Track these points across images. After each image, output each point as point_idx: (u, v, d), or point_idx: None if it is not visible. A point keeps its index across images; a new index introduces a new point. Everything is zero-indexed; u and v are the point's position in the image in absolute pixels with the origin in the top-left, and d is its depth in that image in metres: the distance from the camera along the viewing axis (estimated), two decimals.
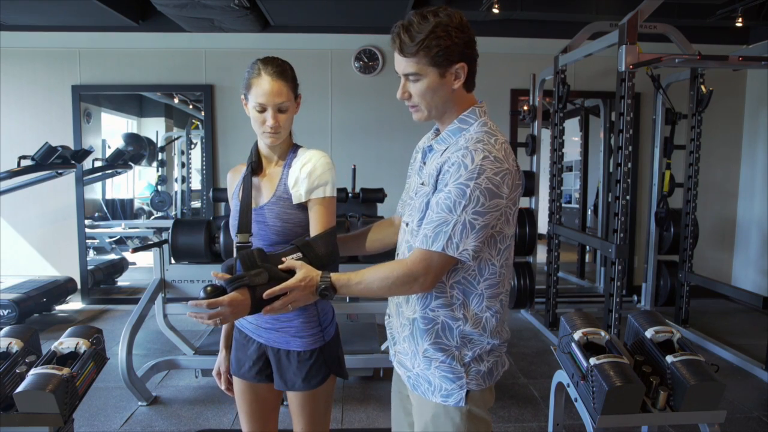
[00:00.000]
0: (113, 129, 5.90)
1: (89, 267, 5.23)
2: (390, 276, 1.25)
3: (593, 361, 1.79)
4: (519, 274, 4.67)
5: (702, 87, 4.23)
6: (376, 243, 1.59)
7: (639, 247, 5.36)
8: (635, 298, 5.21)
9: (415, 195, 1.35)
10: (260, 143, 1.56)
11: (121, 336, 3.04)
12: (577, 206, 6.80)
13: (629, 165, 3.37)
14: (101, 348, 2.00)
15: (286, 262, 1.33)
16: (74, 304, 5.10)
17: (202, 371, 3.37)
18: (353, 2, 4.54)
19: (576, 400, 1.92)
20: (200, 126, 5.55)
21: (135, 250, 4.10)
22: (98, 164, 5.47)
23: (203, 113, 5.20)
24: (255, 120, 1.47)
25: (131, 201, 6.24)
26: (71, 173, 4.83)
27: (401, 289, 1.28)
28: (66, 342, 1.93)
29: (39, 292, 4.54)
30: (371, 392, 3.25)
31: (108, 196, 5.95)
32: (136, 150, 5.86)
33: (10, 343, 1.91)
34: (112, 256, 5.74)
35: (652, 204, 4.80)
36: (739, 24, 4.45)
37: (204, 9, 4.12)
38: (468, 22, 1.24)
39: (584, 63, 4.51)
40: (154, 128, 6.08)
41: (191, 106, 5.76)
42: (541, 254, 4.97)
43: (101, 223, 5.68)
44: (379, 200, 4.01)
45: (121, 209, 6.08)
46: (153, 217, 6.08)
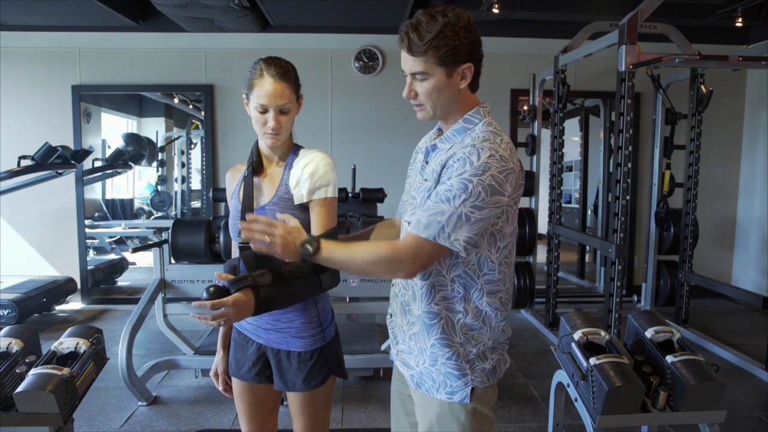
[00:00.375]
0: (113, 129, 5.90)
1: (89, 267, 5.23)
2: (375, 254, 1.23)
3: (593, 361, 1.80)
4: (519, 274, 4.67)
5: (702, 87, 4.23)
6: None
7: (639, 247, 5.35)
8: (635, 298, 5.21)
9: (416, 193, 1.35)
10: (261, 143, 1.55)
11: (121, 336, 3.04)
12: (577, 206, 6.80)
13: (629, 165, 3.37)
14: (101, 348, 2.00)
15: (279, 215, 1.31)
16: (74, 304, 5.10)
17: (202, 371, 3.37)
18: (353, 2, 4.53)
19: (576, 400, 1.92)
20: (200, 126, 5.55)
21: (135, 250, 4.11)
22: (98, 164, 5.47)
23: (203, 113, 5.20)
24: (256, 120, 1.47)
25: (131, 201, 6.24)
26: (71, 173, 4.82)
27: (385, 271, 1.25)
28: (66, 342, 1.94)
29: (39, 292, 4.53)
30: (371, 392, 3.25)
31: (108, 196, 5.94)
32: (136, 150, 5.86)
33: (10, 343, 1.91)
34: (112, 256, 5.74)
35: (652, 204, 4.80)
36: (739, 24, 4.45)
37: (204, 9, 4.12)
38: (475, 23, 1.25)
39: (584, 63, 4.51)
40: (154, 128, 6.07)
41: (191, 106, 5.75)
42: (541, 254, 4.97)
43: (101, 223, 5.67)
44: (379, 200, 4.02)
45: (121, 209, 6.08)
46: (153, 217, 6.08)
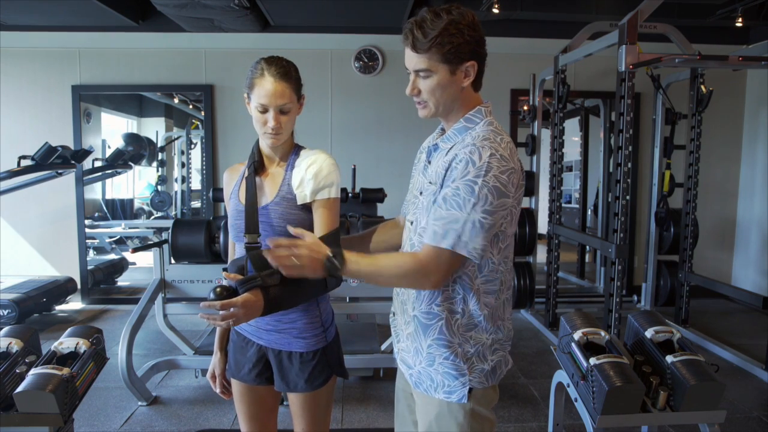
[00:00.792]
0: (113, 129, 5.90)
1: (89, 267, 5.23)
2: (402, 268, 1.24)
3: (593, 361, 1.79)
4: (519, 274, 4.67)
5: (702, 87, 4.23)
6: (382, 245, 1.58)
7: (639, 247, 5.35)
8: (635, 298, 5.21)
9: (420, 194, 1.35)
10: (262, 143, 1.55)
11: (121, 336, 3.04)
12: (577, 206, 6.80)
13: (629, 165, 3.37)
14: (101, 348, 2.00)
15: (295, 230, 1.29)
16: (74, 304, 5.10)
17: (202, 371, 3.36)
18: (353, 2, 4.53)
19: (576, 400, 1.92)
20: (200, 126, 5.55)
21: (135, 250, 4.10)
22: (98, 164, 5.47)
23: (203, 113, 5.20)
24: (257, 120, 1.47)
25: (131, 201, 6.24)
26: (71, 173, 4.82)
27: (412, 283, 1.27)
28: (66, 342, 1.93)
29: (39, 292, 4.53)
30: (371, 392, 3.25)
31: (108, 196, 5.94)
32: (136, 150, 5.86)
33: (10, 343, 1.91)
34: (112, 256, 5.74)
35: (652, 204, 4.80)
36: (739, 24, 4.45)
37: (204, 9, 4.12)
38: (479, 21, 1.25)
39: (584, 63, 4.51)
40: (154, 128, 6.07)
41: (191, 106, 5.75)
42: (541, 254, 4.97)
43: (101, 223, 5.67)
44: (379, 200, 4.01)
45: (121, 209, 6.07)
46: (153, 217, 6.08)
